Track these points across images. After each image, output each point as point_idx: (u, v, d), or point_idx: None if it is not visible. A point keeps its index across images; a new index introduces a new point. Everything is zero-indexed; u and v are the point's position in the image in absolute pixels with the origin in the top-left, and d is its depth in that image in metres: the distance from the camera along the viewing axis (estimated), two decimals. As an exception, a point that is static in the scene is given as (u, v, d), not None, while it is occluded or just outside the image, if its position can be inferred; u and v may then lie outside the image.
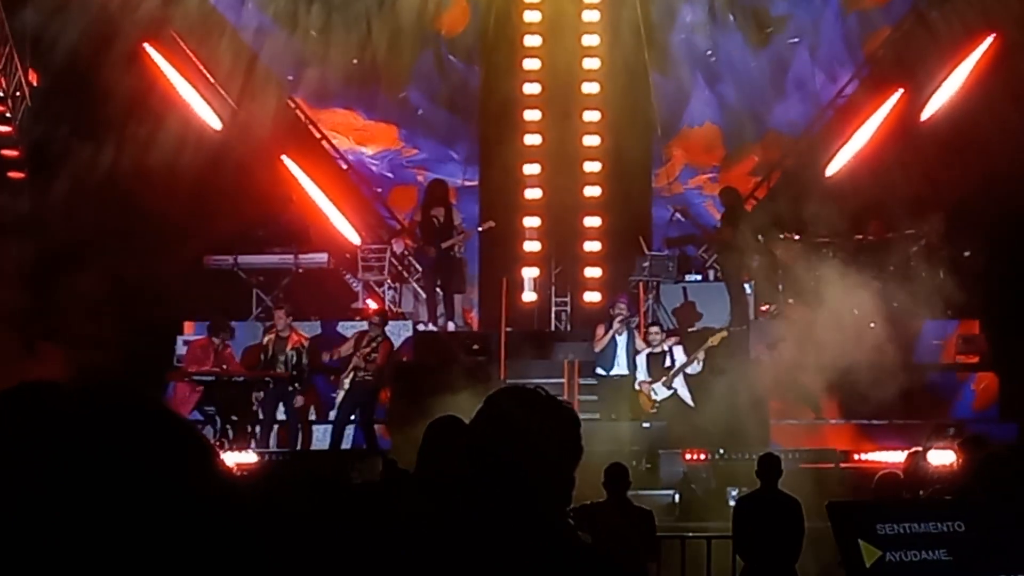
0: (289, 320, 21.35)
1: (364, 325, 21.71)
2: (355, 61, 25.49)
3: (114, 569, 1.52)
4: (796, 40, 26.20)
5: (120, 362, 18.96)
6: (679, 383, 20.69)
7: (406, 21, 25.22)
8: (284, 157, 25.10)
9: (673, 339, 21.18)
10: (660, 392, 20.73)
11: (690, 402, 20.54)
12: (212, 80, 24.69)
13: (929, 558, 5.73)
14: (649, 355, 20.88)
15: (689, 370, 20.66)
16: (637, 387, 20.83)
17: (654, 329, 21.24)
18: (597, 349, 21.39)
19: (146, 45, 23.84)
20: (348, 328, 22.25)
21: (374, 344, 20.89)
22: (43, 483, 1.54)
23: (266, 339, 21.34)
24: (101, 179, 21.43)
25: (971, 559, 5.84)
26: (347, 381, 20.75)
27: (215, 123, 24.65)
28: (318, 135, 26.37)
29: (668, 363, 20.75)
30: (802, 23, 26.19)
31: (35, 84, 22.88)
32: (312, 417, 21.88)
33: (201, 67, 24.62)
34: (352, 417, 20.93)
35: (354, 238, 25.28)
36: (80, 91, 21.97)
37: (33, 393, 1.68)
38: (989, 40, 23.93)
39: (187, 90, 24.47)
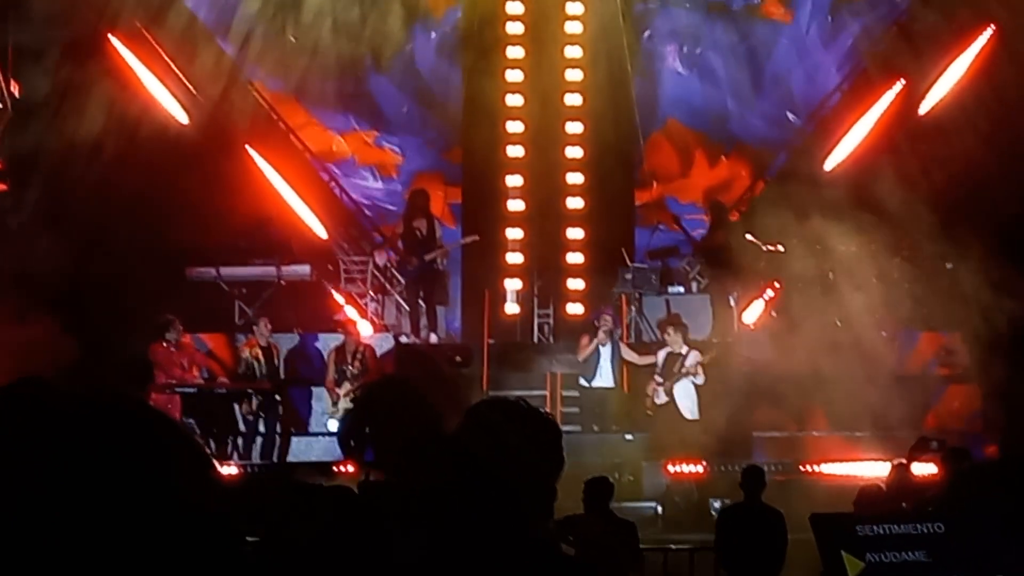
0: (270, 329, 21.58)
1: (339, 339, 21.77)
2: (293, 39, 25.40)
3: (105, 570, 1.51)
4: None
5: (99, 375, 18.86)
6: (680, 392, 20.65)
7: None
8: (248, 147, 24.78)
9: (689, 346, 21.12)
10: (660, 397, 20.71)
11: (686, 413, 20.50)
12: (177, 71, 24.37)
13: (909, 559, 5.74)
14: (668, 354, 20.84)
15: (697, 380, 20.63)
16: (649, 390, 20.79)
17: (671, 329, 21.22)
18: (580, 358, 21.42)
19: (110, 36, 23.48)
20: (331, 340, 22.21)
21: (360, 357, 20.94)
22: (40, 484, 1.53)
23: (248, 350, 21.29)
24: (82, 186, 21.36)
25: (951, 561, 5.84)
26: (345, 397, 20.67)
27: (182, 117, 24.35)
28: (284, 127, 26.27)
29: (678, 367, 20.73)
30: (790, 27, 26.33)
31: (17, 95, 22.77)
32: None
33: (166, 58, 24.28)
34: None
35: (320, 232, 25.07)
36: (60, 98, 21.88)
37: (31, 391, 1.66)
38: (988, 32, 23.82)
39: (153, 83, 24.02)
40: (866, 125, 24.81)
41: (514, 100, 25.13)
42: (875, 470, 17.65)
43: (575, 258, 24.81)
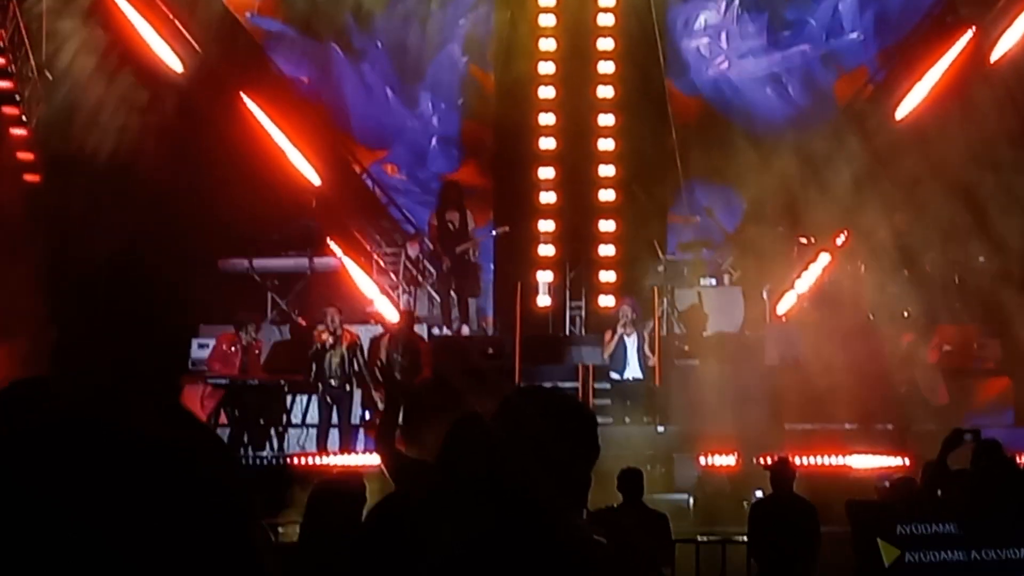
0: (341, 319, 21.13)
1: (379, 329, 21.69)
2: None
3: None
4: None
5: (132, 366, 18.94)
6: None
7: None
8: (242, 94, 24.60)
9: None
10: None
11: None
12: (173, 19, 24.04)
13: (948, 559, 5.72)
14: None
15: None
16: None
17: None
18: (605, 355, 21.45)
19: None
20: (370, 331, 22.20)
21: (410, 348, 20.71)
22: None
23: (319, 340, 21.02)
24: (113, 180, 21.45)
25: (987, 557, 5.83)
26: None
27: (177, 66, 24.11)
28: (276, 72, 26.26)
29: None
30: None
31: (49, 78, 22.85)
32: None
33: (161, 5, 24.02)
34: None
35: (314, 179, 24.81)
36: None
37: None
38: None
39: (148, 32, 23.73)
40: (937, 73, 24.25)
41: (546, 92, 25.11)
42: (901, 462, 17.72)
43: (607, 250, 24.78)
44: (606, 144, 25.00)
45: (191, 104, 23.36)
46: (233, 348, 21.09)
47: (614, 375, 21.42)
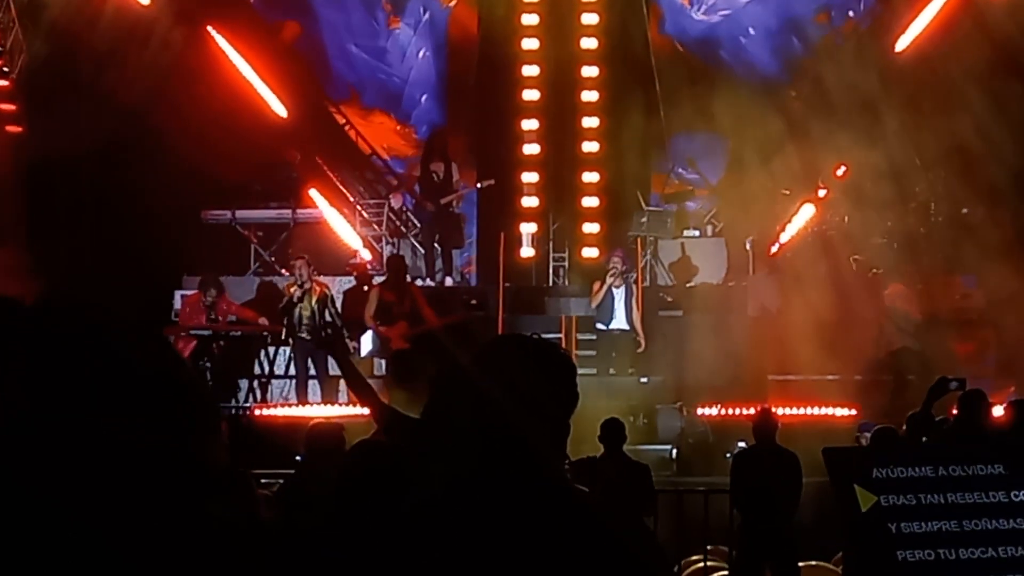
0: (311, 271, 20.78)
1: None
2: None
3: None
4: None
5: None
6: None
7: None
8: (210, 28, 24.28)
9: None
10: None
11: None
12: None
13: (925, 503, 5.75)
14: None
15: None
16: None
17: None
18: (593, 305, 21.44)
19: None
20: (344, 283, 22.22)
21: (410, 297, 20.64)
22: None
23: (287, 292, 20.76)
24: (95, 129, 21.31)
25: (963, 501, 5.86)
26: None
27: None
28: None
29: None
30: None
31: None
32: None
33: None
34: None
35: (280, 111, 24.43)
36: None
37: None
38: None
39: None
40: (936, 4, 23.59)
41: (530, 44, 25.04)
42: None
43: (590, 202, 24.76)
44: (589, 95, 24.94)
45: (163, 40, 22.89)
46: (200, 306, 21.05)
47: (600, 326, 21.43)
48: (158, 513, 1.51)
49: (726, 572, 14.25)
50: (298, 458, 12.50)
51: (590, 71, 24.98)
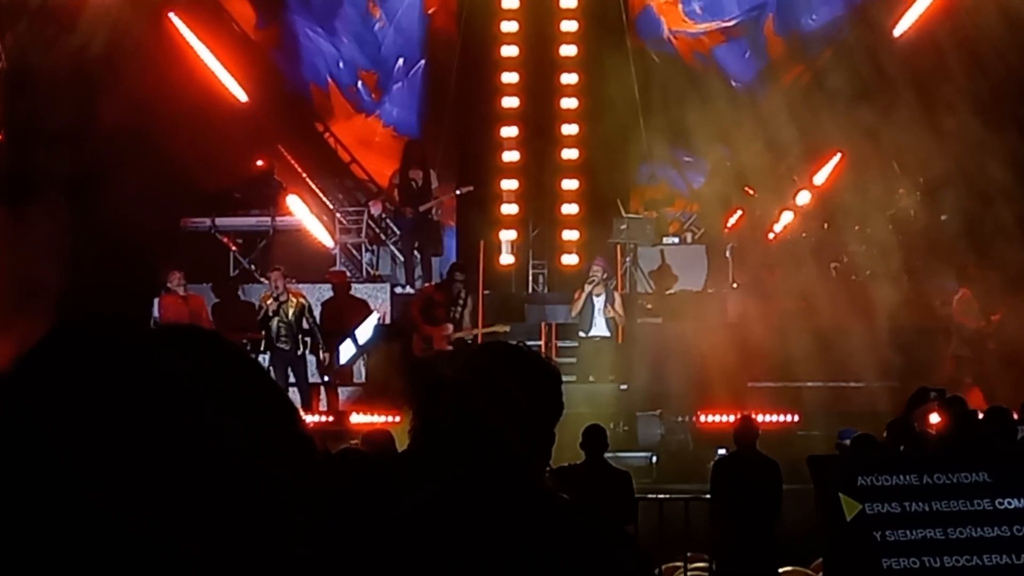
0: (287, 281, 20.80)
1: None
2: None
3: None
4: None
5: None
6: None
7: None
8: (171, 15, 24.15)
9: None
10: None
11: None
12: None
13: (910, 510, 5.74)
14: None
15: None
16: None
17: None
18: (573, 313, 21.46)
19: None
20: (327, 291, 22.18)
21: None
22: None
23: (263, 304, 20.76)
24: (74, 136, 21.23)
25: (947, 508, 5.85)
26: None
27: None
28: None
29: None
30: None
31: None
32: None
33: None
34: None
35: (241, 95, 24.37)
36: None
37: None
38: None
39: None
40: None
41: (509, 51, 25.04)
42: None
43: (570, 209, 24.76)
44: (569, 102, 24.95)
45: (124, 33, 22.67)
46: (180, 303, 21.02)
47: (581, 333, 21.44)
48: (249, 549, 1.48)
49: (707, 579, 14.26)
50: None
51: (569, 78, 24.98)
